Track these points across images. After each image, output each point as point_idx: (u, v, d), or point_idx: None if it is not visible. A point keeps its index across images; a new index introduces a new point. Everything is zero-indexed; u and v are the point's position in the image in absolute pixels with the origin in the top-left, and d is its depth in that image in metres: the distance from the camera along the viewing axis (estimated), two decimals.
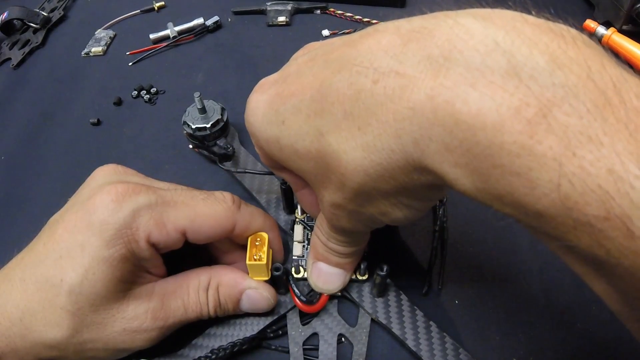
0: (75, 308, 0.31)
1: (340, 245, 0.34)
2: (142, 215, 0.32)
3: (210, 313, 0.36)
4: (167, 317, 0.34)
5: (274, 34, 0.69)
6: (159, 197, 0.34)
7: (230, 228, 0.36)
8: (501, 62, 0.19)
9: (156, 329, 0.34)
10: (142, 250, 0.33)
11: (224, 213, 0.35)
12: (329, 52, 0.26)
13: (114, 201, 0.32)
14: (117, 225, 0.32)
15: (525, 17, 0.21)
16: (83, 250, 0.31)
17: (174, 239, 0.34)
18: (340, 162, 0.24)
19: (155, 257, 0.34)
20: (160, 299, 0.34)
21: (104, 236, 0.31)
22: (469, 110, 0.19)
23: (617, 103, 0.18)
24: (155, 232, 0.33)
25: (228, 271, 0.37)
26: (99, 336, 0.33)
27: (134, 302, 0.33)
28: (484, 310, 0.40)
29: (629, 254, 0.17)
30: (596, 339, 0.38)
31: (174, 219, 0.33)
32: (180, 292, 0.35)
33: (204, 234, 0.35)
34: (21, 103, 0.62)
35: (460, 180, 0.21)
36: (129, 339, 0.33)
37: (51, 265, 0.32)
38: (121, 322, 0.33)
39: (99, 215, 0.32)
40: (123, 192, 0.33)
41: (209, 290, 0.36)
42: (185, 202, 0.34)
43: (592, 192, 0.17)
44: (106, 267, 0.31)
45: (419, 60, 0.21)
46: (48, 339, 0.32)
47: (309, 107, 0.26)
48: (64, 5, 0.76)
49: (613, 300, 0.21)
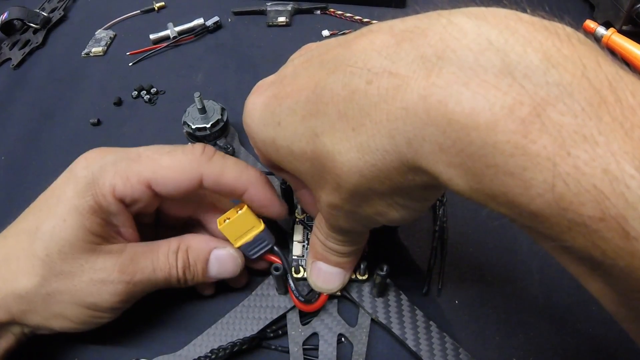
0: (45, 254, 0.33)
1: (339, 244, 0.34)
2: (107, 170, 0.35)
3: (179, 275, 0.37)
4: (135, 273, 0.36)
5: (274, 34, 0.69)
6: (125, 153, 0.36)
7: (197, 178, 0.35)
8: (494, 60, 0.19)
9: (123, 282, 0.35)
10: (110, 203, 0.34)
11: (189, 164, 0.35)
12: (324, 53, 0.26)
13: (86, 159, 0.36)
14: (87, 179, 0.34)
15: (519, 16, 0.21)
16: (59, 201, 0.34)
17: (139, 191, 0.35)
18: (335, 163, 0.24)
19: (124, 213, 0.36)
20: (129, 257, 0.36)
21: (76, 188, 0.34)
22: (462, 109, 0.19)
23: (612, 101, 0.18)
24: (120, 184, 0.34)
25: (197, 236, 0.39)
26: (67, 287, 0.34)
27: (104, 255, 0.35)
28: (484, 310, 0.40)
29: (625, 254, 0.17)
30: (596, 339, 0.38)
31: (137, 171, 0.35)
32: (150, 254, 0.37)
33: (169, 186, 0.35)
34: (21, 103, 0.62)
35: (454, 180, 0.21)
36: (95, 291, 0.35)
37: (31, 218, 0.35)
38: (89, 272, 0.34)
39: (73, 172, 0.35)
40: (95, 153, 0.36)
41: (178, 252, 0.37)
42: (149, 156, 0.36)
43: (587, 192, 0.17)
44: (77, 216, 0.33)
45: (412, 60, 0.21)
46: (18, 287, 0.33)
47: (304, 108, 0.26)
48: (64, 6, 0.76)
49: (609, 301, 0.21)
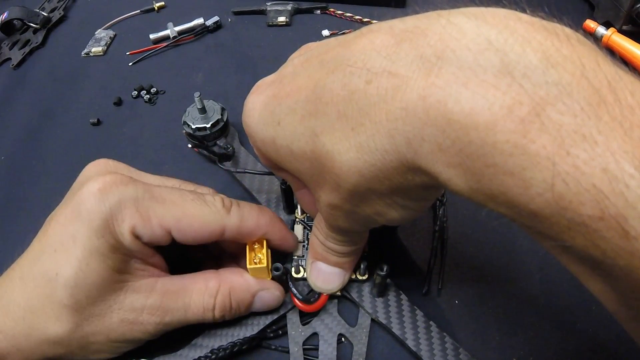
0: (72, 302, 0.32)
1: (338, 244, 0.34)
2: (127, 206, 0.32)
3: (216, 317, 0.36)
4: (165, 315, 0.34)
5: (274, 34, 0.69)
6: (147, 191, 0.34)
7: (219, 232, 0.35)
8: (494, 60, 0.19)
9: (153, 323, 0.34)
10: (127, 242, 0.32)
11: (212, 217, 0.35)
12: (324, 53, 0.26)
13: (100, 190, 0.32)
14: (104, 215, 0.32)
15: (518, 16, 0.21)
16: (75, 242, 0.31)
17: (159, 236, 0.33)
18: (335, 162, 0.24)
19: (144, 249, 0.34)
20: (160, 297, 0.34)
21: (93, 226, 0.31)
22: (462, 109, 0.19)
23: (611, 101, 0.18)
24: (140, 225, 0.32)
25: (238, 276, 0.37)
26: (100, 328, 0.33)
27: (132, 294, 0.33)
28: (484, 310, 0.40)
29: (624, 254, 0.17)
30: (596, 339, 0.38)
31: (160, 215, 0.33)
32: (183, 294, 0.35)
33: (190, 236, 0.34)
34: (21, 103, 0.62)
35: (454, 180, 0.21)
36: (127, 330, 0.34)
37: (47, 260, 0.32)
38: (119, 313, 0.33)
39: (86, 205, 0.32)
40: (110, 182, 0.33)
41: (218, 296, 0.35)
42: (173, 200, 0.34)
43: (586, 191, 0.17)
44: (98, 257, 0.31)
45: (412, 60, 0.21)
46: (51, 335, 0.32)
47: (303, 108, 0.26)
48: (64, 6, 0.76)
49: (609, 300, 0.21)
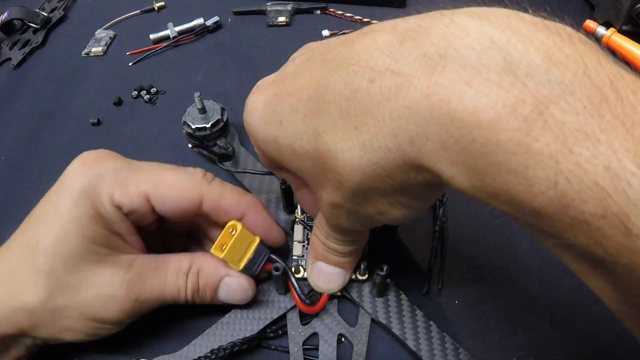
0: (50, 268, 0.32)
1: (339, 244, 0.34)
2: (106, 177, 0.34)
3: (188, 298, 0.36)
4: (142, 292, 0.35)
5: (274, 34, 0.69)
6: (125, 162, 0.36)
7: (197, 200, 0.36)
8: (497, 59, 0.19)
9: (130, 300, 0.34)
10: (108, 211, 0.34)
11: (190, 184, 0.35)
12: (326, 52, 0.26)
13: (82, 164, 0.34)
14: (83, 187, 0.33)
15: (521, 15, 0.21)
16: (55, 212, 0.33)
17: (138, 203, 0.34)
18: (337, 161, 0.24)
19: (123, 221, 0.35)
20: (137, 272, 0.35)
21: (73, 197, 0.33)
22: (465, 107, 0.19)
23: (613, 100, 0.18)
24: (118, 192, 0.34)
25: (209, 258, 0.37)
26: (73, 301, 0.33)
27: (111, 268, 0.34)
28: (484, 310, 0.40)
29: (627, 252, 0.17)
30: (596, 339, 0.38)
31: (137, 182, 0.34)
32: (159, 271, 0.36)
33: (168, 203, 0.35)
34: (21, 103, 0.62)
35: (457, 179, 0.21)
36: (102, 307, 0.34)
37: (30, 230, 0.34)
38: (95, 287, 0.33)
39: (68, 179, 0.34)
40: (92, 158, 0.35)
41: (189, 274, 0.36)
42: (151, 169, 0.36)
43: (589, 189, 0.17)
44: (77, 226, 0.32)
45: (415, 59, 0.21)
46: (25, 302, 0.33)
47: (306, 107, 0.26)
48: (64, 6, 0.76)
49: (611, 299, 0.21)
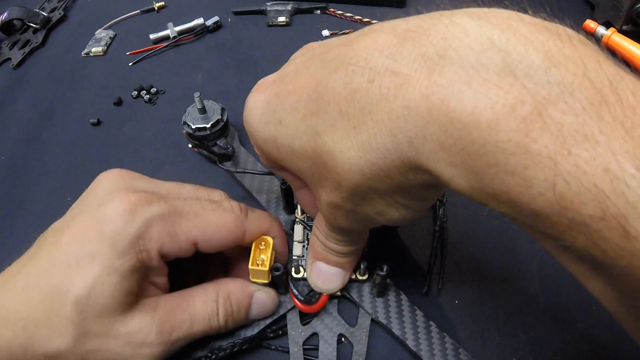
0: (80, 318, 0.30)
1: (338, 244, 0.34)
2: (155, 225, 0.32)
3: (221, 323, 0.36)
4: (172, 331, 0.33)
5: (274, 34, 0.69)
6: (171, 207, 0.33)
7: (241, 236, 0.36)
8: (496, 60, 0.19)
9: (160, 343, 0.33)
10: (153, 261, 0.32)
11: (234, 222, 0.35)
12: (326, 52, 0.26)
13: (127, 211, 0.31)
14: (130, 236, 0.31)
15: (520, 16, 0.21)
16: (93, 260, 0.31)
17: (185, 250, 0.34)
18: (336, 161, 0.24)
19: (163, 268, 0.34)
20: (165, 312, 0.33)
21: (117, 246, 0.31)
22: (464, 108, 0.19)
23: (613, 101, 0.18)
24: (168, 242, 0.32)
25: (232, 280, 0.37)
26: (101, 348, 0.32)
27: (139, 314, 0.32)
28: (484, 310, 0.40)
29: (625, 254, 0.17)
30: (596, 339, 0.38)
31: (187, 229, 0.33)
32: (186, 305, 0.34)
33: (215, 244, 0.35)
34: (21, 103, 0.62)
35: (456, 180, 0.21)
36: (130, 354, 0.32)
37: (57, 275, 0.31)
38: (125, 336, 0.32)
39: (111, 226, 0.31)
40: (136, 201, 0.32)
41: (219, 300, 0.35)
42: (196, 212, 0.34)
43: (587, 191, 0.17)
44: (116, 278, 0.31)
45: (414, 59, 0.21)
46: (50, 349, 0.31)
47: (305, 107, 0.26)
48: (64, 6, 0.76)
49: (610, 301, 0.21)
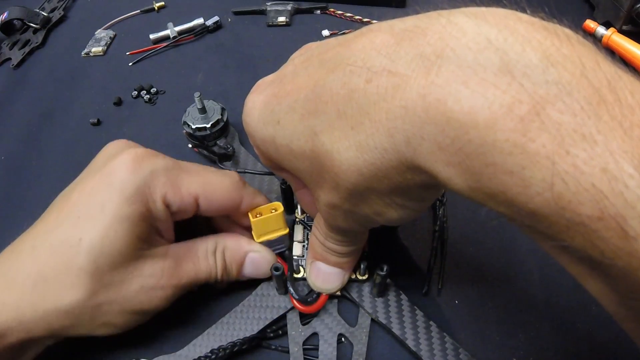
0: (94, 267, 0.32)
1: (338, 244, 0.34)
2: (159, 176, 0.34)
3: (219, 275, 0.38)
4: (181, 277, 0.36)
5: (274, 34, 0.69)
6: (175, 162, 0.36)
7: (238, 201, 0.38)
8: (494, 59, 0.19)
9: (171, 286, 0.35)
10: (159, 210, 0.34)
11: (233, 186, 0.37)
12: (324, 52, 0.26)
13: (134, 161, 0.34)
14: (137, 184, 0.33)
15: (518, 15, 0.20)
16: (103, 209, 0.32)
17: (187, 204, 0.35)
18: (334, 161, 0.24)
19: (169, 219, 0.36)
20: (173, 260, 0.36)
21: (125, 194, 0.33)
22: (461, 108, 0.19)
23: (611, 101, 0.17)
24: (171, 193, 0.34)
25: (232, 236, 0.39)
26: (116, 297, 0.33)
27: (150, 260, 0.35)
28: (484, 310, 0.40)
29: (623, 254, 0.17)
30: (596, 339, 0.38)
31: (188, 183, 0.35)
32: (191, 255, 0.37)
33: (215, 204, 0.37)
34: (21, 103, 0.62)
35: (453, 180, 0.21)
36: (146, 298, 0.34)
37: (68, 227, 0.32)
38: (138, 280, 0.34)
39: (119, 175, 0.33)
40: (142, 154, 0.35)
41: (216, 253, 0.38)
42: (198, 171, 0.37)
43: (585, 191, 0.17)
44: (127, 225, 0.32)
45: (412, 59, 0.21)
46: (64, 304, 0.32)
47: (303, 107, 0.26)
48: (64, 5, 0.76)
49: (608, 301, 0.21)
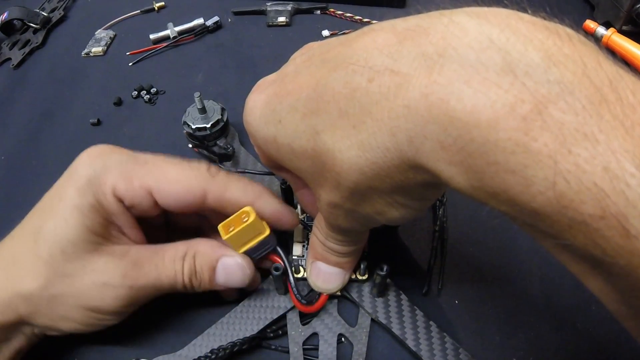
0: (48, 254, 0.33)
1: (338, 244, 0.34)
2: (111, 168, 0.35)
3: (185, 282, 0.36)
4: (138, 278, 0.35)
5: (274, 34, 0.69)
6: (131, 156, 0.36)
7: (200, 194, 0.35)
8: (496, 58, 0.19)
9: (124, 287, 0.34)
10: (109, 202, 0.34)
11: (193, 178, 0.35)
12: (326, 52, 0.26)
13: (90, 157, 0.36)
14: (88, 176, 0.34)
15: (520, 15, 0.21)
16: (60, 200, 0.34)
17: (140, 196, 0.35)
18: (336, 160, 0.24)
19: (125, 214, 0.35)
20: (133, 261, 0.35)
21: (77, 185, 0.34)
22: (463, 107, 0.19)
23: (613, 100, 0.18)
24: (121, 185, 0.34)
25: (205, 241, 0.37)
26: (70, 289, 0.34)
27: (106, 257, 0.34)
28: (484, 310, 0.40)
29: (625, 253, 0.17)
30: (596, 339, 0.38)
31: (141, 176, 0.35)
32: (155, 259, 0.36)
33: (171, 197, 0.35)
34: (21, 103, 0.62)
35: (455, 179, 0.21)
36: (98, 295, 0.34)
37: (35, 217, 0.35)
38: (91, 275, 0.34)
39: (77, 171, 0.35)
40: (99, 150, 0.36)
41: (185, 258, 0.36)
42: (155, 163, 0.36)
43: (587, 190, 0.17)
44: (78, 214, 0.33)
45: (414, 58, 0.21)
46: (24, 288, 0.33)
47: (305, 106, 0.26)
48: (64, 6, 0.76)
49: (610, 299, 0.21)
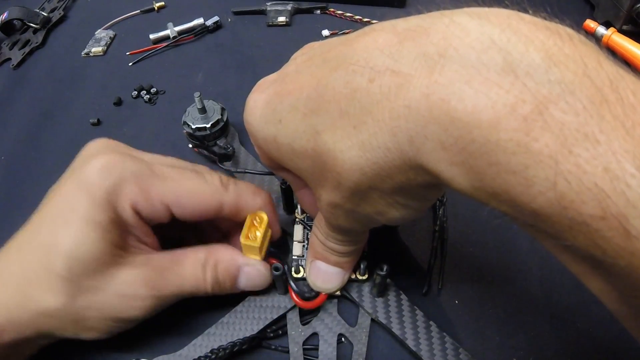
0: (68, 273, 0.32)
1: (338, 244, 0.34)
2: (129, 182, 0.34)
3: (208, 289, 0.36)
4: (162, 287, 0.35)
5: (274, 34, 0.69)
6: (148, 168, 0.35)
7: (217, 208, 0.36)
8: (497, 59, 0.19)
9: (150, 297, 0.34)
10: (128, 216, 0.34)
11: (210, 194, 0.36)
12: (327, 52, 0.26)
13: (104, 166, 0.33)
14: (106, 189, 0.33)
15: (521, 16, 0.21)
16: (74, 214, 0.32)
17: (158, 211, 0.35)
18: (336, 160, 0.24)
19: (142, 226, 0.35)
20: (155, 269, 0.35)
21: (94, 199, 0.32)
22: (464, 107, 0.19)
23: (613, 100, 0.18)
24: (140, 200, 0.34)
25: (225, 249, 0.38)
26: (94, 302, 0.33)
27: (129, 268, 0.34)
28: (484, 310, 0.40)
29: (625, 254, 0.17)
30: (596, 339, 0.38)
31: (160, 191, 0.34)
32: (177, 266, 0.36)
33: (188, 211, 0.35)
34: (21, 103, 0.62)
35: (456, 179, 0.21)
36: (123, 306, 0.34)
37: (45, 231, 0.33)
38: (115, 287, 0.33)
39: (89, 179, 0.33)
40: (114, 159, 0.34)
41: (207, 267, 0.36)
42: (172, 177, 0.35)
43: (588, 190, 0.17)
44: (97, 230, 0.32)
45: (415, 58, 0.21)
46: (45, 307, 0.32)
47: (305, 106, 0.26)
48: (64, 6, 0.76)
49: (610, 300, 0.21)
